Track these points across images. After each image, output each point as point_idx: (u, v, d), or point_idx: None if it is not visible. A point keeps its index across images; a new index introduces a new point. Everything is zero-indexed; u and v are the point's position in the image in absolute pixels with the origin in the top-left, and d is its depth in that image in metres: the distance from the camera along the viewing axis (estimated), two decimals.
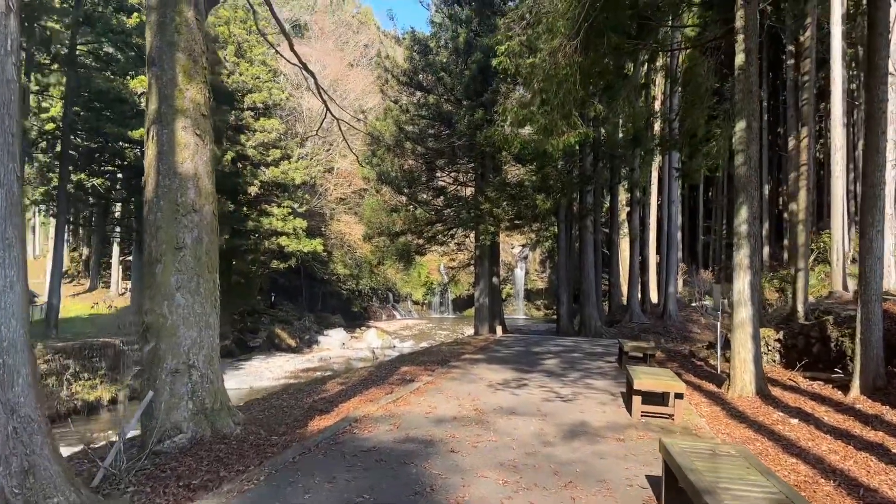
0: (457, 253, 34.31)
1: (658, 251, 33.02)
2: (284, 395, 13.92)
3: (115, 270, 44.49)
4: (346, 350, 42.17)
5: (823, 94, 30.53)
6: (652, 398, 10.94)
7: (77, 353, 25.06)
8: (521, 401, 11.48)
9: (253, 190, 37.31)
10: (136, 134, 28.19)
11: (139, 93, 27.05)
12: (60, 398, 23.22)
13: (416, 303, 60.73)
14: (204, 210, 9.22)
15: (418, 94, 27.95)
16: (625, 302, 31.84)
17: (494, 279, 31.36)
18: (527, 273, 61.78)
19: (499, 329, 23.40)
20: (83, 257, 47.96)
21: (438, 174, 30.23)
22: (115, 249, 44.20)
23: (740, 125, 12.06)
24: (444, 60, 25.69)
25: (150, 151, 9.02)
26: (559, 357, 17.09)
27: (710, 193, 49.18)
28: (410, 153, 28.74)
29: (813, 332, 14.50)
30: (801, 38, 21.94)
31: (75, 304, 41.91)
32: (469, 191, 29.96)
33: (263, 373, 33.33)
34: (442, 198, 29.27)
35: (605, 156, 25.34)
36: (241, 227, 38.04)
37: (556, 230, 29.57)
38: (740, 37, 12.15)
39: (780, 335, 15.31)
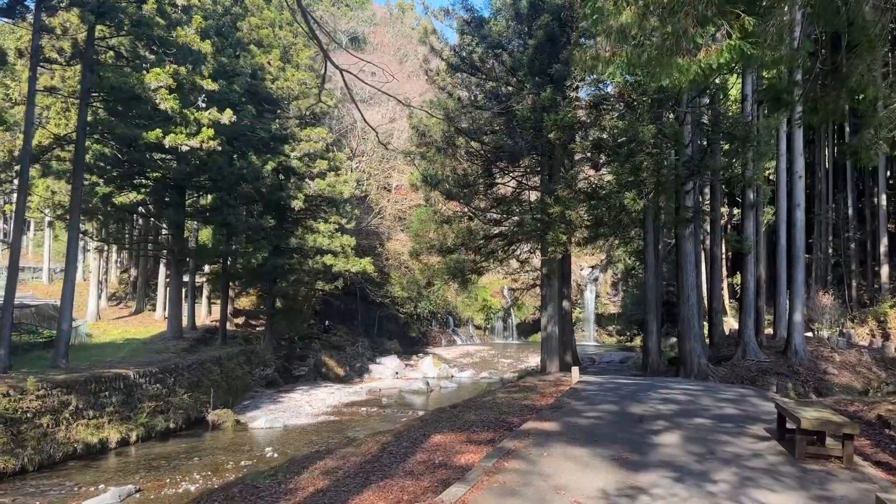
0: (520, 273, 27.91)
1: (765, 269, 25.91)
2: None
3: (162, 293, 40.03)
4: (399, 380, 36.20)
5: None
6: None
7: (81, 388, 19.92)
8: None
9: (297, 204, 32.04)
10: (151, 136, 23.18)
11: (153, 87, 22.04)
12: (56, 440, 18.13)
13: (477, 327, 54.26)
14: None
15: (472, 79, 22.00)
16: (726, 332, 24.86)
17: (565, 303, 24.83)
18: (597, 296, 54.63)
19: (574, 372, 16.76)
20: (131, 278, 43.92)
21: (497, 178, 24.12)
22: (162, 271, 39.79)
23: None
24: (503, 31, 19.69)
25: None
26: (678, 427, 10.43)
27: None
28: (464, 153, 22.78)
29: None
30: None
31: (117, 327, 37.53)
32: (534, 196, 23.70)
33: (303, 408, 27.75)
34: (501, 206, 23.12)
35: (717, 136, 18.53)
36: (283, 245, 32.81)
37: (643, 242, 22.91)
38: None
39: None
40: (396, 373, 37.65)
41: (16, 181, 29.61)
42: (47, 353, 25.86)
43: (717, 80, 16.22)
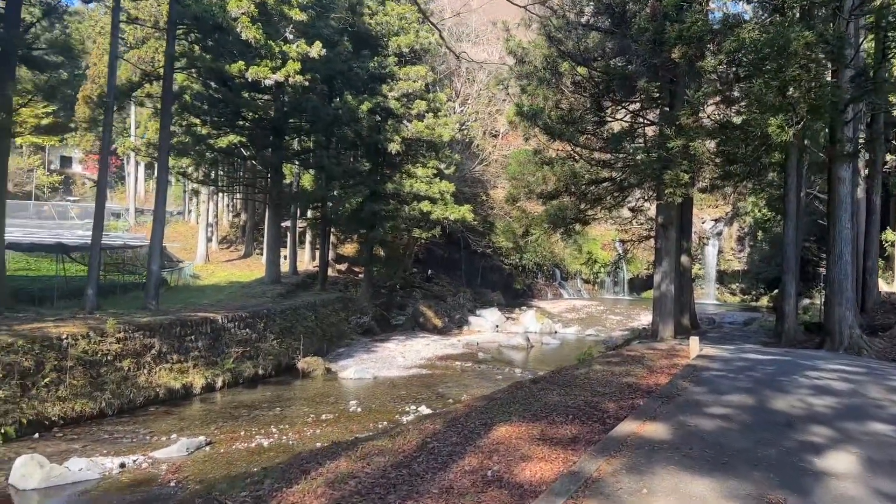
0: (632, 223, 24.30)
1: None
2: None
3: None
4: (499, 334, 33.78)
5: None
6: None
7: (165, 331, 18.92)
8: None
9: (394, 147, 29.74)
10: (234, 69, 21.37)
11: (234, 16, 20.09)
12: (136, 385, 17.17)
13: (586, 281, 50.40)
14: None
15: None
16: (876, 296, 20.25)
17: (683, 257, 21.13)
18: (720, 252, 49.20)
19: (693, 343, 13.23)
20: (241, 222, 43.87)
21: (608, 114, 20.48)
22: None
23: None
24: None
25: None
26: (848, 439, 6.92)
27: None
28: (569, 83, 19.34)
29: None
30: None
31: (224, 270, 37.48)
32: (651, 134, 19.92)
33: (395, 359, 26.07)
34: (611, 145, 19.55)
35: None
36: (379, 190, 30.78)
37: (783, 187, 18.64)
38: None
39: None
40: (496, 326, 35.23)
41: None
42: None
43: None
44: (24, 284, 23.94)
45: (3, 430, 13.19)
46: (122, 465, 12.35)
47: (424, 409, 17.53)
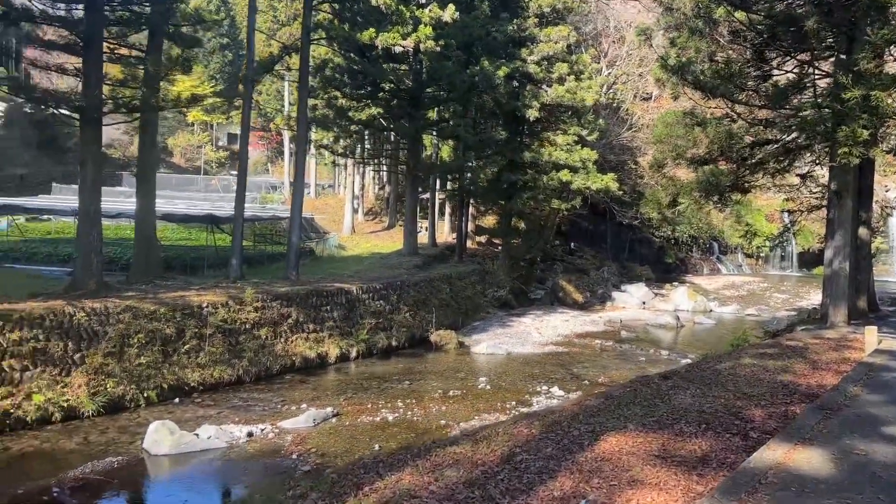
0: (799, 191, 21.28)
1: None
2: None
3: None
4: (645, 311, 31.68)
5: None
6: None
7: (302, 301, 19.41)
8: None
9: (532, 114, 28.35)
10: (364, 36, 21.03)
11: None
12: (273, 353, 17.75)
13: (748, 256, 45.90)
14: None
15: None
16: None
17: (861, 230, 18.11)
18: None
19: (869, 335, 10.77)
20: (386, 194, 44.62)
21: (774, 65, 17.77)
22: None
23: None
24: None
25: None
26: None
27: None
28: (726, 32, 16.94)
29: None
30: None
31: (368, 241, 38.31)
32: (825, 84, 16.96)
33: (531, 334, 25.23)
34: (776, 101, 16.90)
35: None
36: (517, 159, 29.59)
37: None
38: None
39: None
40: (643, 303, 33.03)
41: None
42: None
43: None
44: (180, 253, 25.68)
45: (145, 395, 13.89)
46: (250, 434, 12.53)
47: (557, 391, 16.61)
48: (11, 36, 18.63)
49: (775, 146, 17.53)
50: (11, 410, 11.57)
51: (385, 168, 41.76)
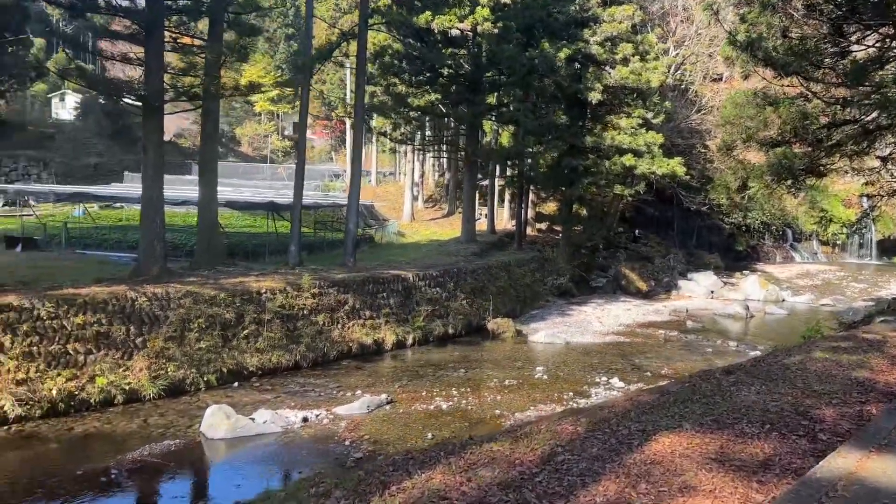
0: (880, 174, 19.89)
1: None
2: None
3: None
4: (713, 301, 30.49)
5: None
6: None
7: (358, 287, 19.51)
8: None
9: (594, 97, 27.52)
10: (421, 20, 20.79)
11: None
12: (330, 339, 17.91)
13: (824, 243, 43.55)
14: None
15: None
16: None
17: None
18: None
19: None
20: (446, 181, 44.45)
21: (853, 40, 16.51)
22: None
23: None
24: None
25: None
26: None
27: None
28: (800, 6, 15.83)
29: None
30: None
31: (428, 228, 38.30)
32: None
33: (591, 324, 24.63)
34: (855, 79, 15.73)
35: None
36: (578, 144, 28.82)
37: None
38: None
39: None
40: (711, 291, 31.76)
41: None
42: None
43: None
44: (243, 240, 26.21)
45: (205, 378, 14.18)
46: (305, 420, 12.60)
47: (617, 382, 16.12)
48: (82, 28, 19.29)
49: (854, 126, 16.33)
50: (76, 392, 11.99)
51: (444, 155, 41.56)
